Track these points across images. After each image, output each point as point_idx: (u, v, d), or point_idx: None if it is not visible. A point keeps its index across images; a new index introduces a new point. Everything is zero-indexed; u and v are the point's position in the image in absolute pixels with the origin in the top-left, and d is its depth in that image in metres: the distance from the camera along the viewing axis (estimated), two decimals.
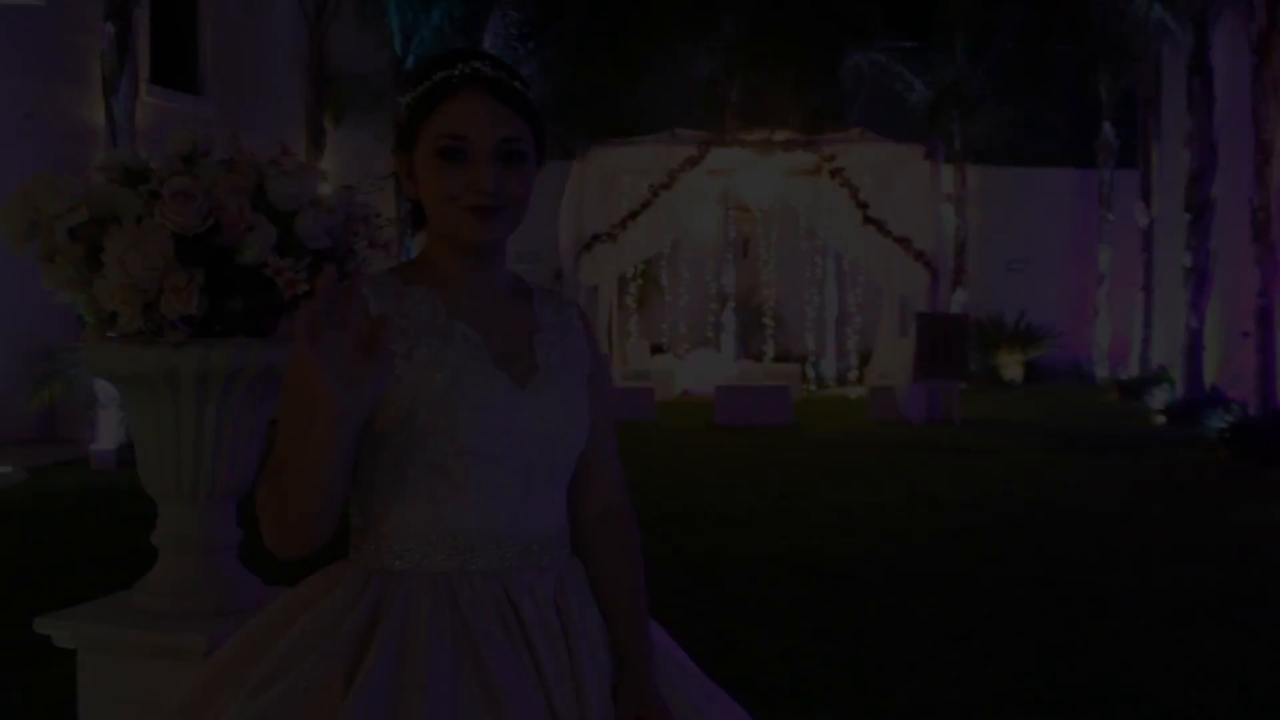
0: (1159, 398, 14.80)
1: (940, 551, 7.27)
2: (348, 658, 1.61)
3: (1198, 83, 14.18)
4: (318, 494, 1.61)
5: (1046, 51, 18.00)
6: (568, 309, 1.89)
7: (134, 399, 2.26)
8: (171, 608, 2.30)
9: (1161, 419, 14.01)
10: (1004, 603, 6.07)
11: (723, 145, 15.25)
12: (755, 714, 1.93)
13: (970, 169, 19.74)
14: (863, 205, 14.58)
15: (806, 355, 19.56)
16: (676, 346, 19.95)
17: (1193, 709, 4.53)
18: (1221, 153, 14.17)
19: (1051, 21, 16.07)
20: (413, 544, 1.71)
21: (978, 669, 4.99)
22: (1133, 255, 18.91)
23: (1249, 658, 5.17)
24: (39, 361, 11.19)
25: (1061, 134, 19.65)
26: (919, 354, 13.89)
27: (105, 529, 7.57)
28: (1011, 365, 19.20)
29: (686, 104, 19.37)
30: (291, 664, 1.61)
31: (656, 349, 19.41)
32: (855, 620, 5.73)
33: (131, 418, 2.31)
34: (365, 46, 16.24)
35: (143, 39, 13.01)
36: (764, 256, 19.97)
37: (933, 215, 14.58)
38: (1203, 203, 14.18)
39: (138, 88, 11.34)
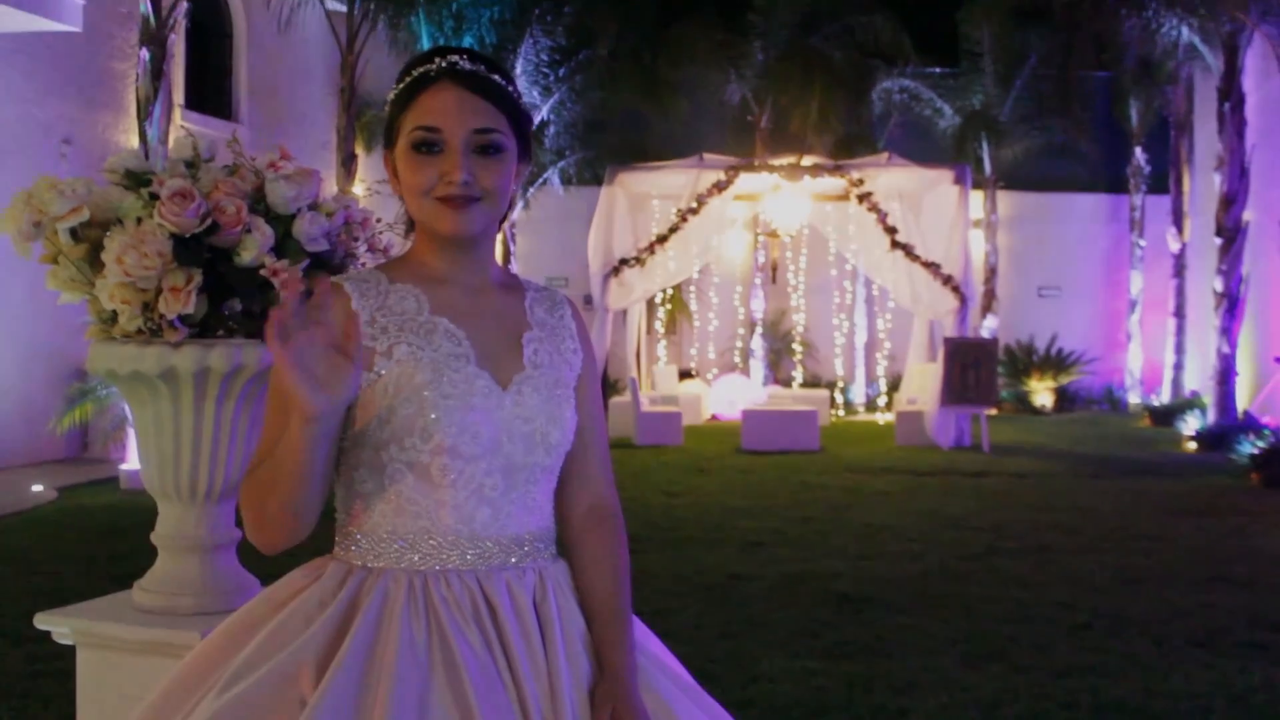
0: (1190, 424, 14.66)
1: (963, 574, 7.22)
2: (320, 652, 1.62)
3: (1228, 106, 14.12)
4: (295, 491, 1.62)
5: (1076, 76, 17.94)
6: (561, 307, 1.90)
7: (133, 398, 2.30)
8: (170, 605, 2.33)
9: (1193, 445, 13.88)
10: (1025, 625, 6.01)
11: (751, 170, 15.28)
12: None
13: (1000, 194, 19.70)
14: (891, 230, 14.57)
15: (835, 381, 19.52)
16: (705, 372, 19.96)
17: None
18: (1253, 176, 14.09)
19: (1080, 46, 16.02)
20: (390, 541, 1.72)
21: (997, 691, 4.95)
22: (1164, 280, 18.79)
23: (1273, 683, 5.09)
24: (70, 382, 11.33)
25: (1092, 159, 19.58)
26: (947, 379, 13.83)
27: (132, 548, 7.62)
28: (1042, 391, 19.08)
29: (716, 129, 19.48)
30: (266, 657, 1.63)
31: (685, 374, 19.42)
32: (875, 641, 5.70)
33: (132, 417, 2.35)
34: (397, 73, 16.38)
35: (178, 65, 13.22)
36: (793, 282, 19.98)
37: (961, 240, 14.55)
38: (1234, 227, 14.09)
39: (172, 113, 11.51)
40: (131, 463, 10.38)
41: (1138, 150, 19.42)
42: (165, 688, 1.71)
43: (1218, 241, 14.27)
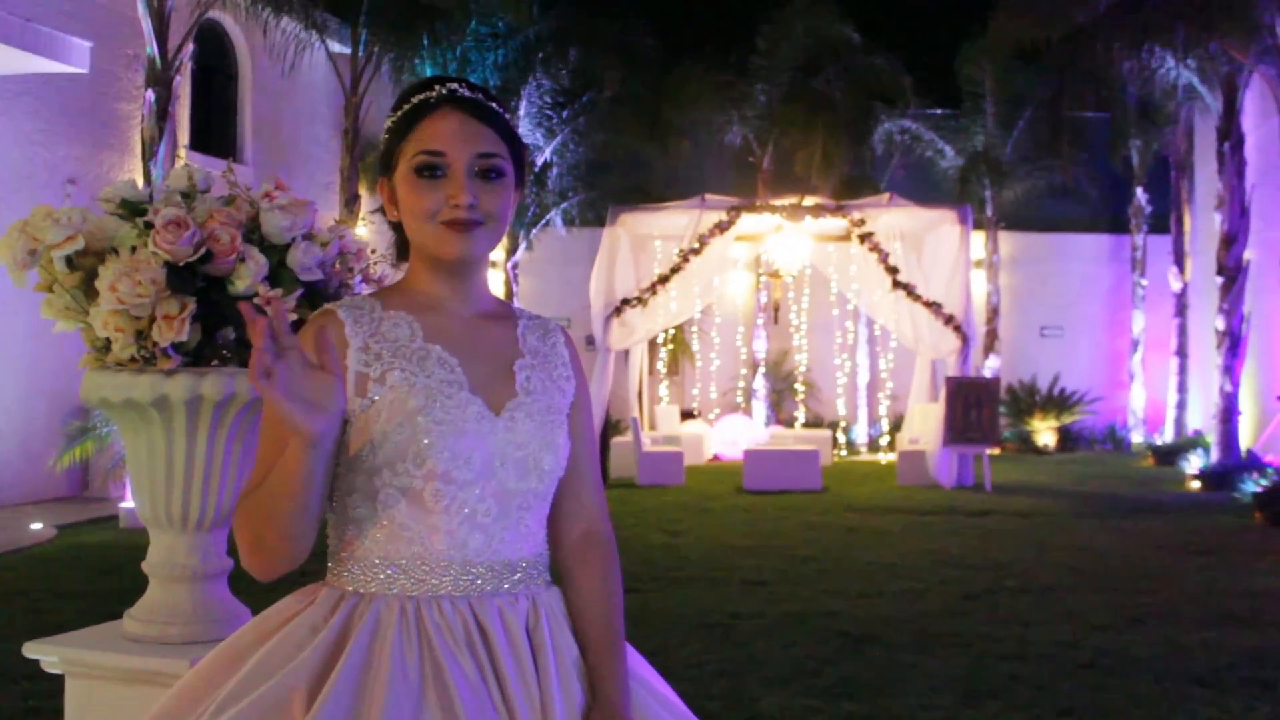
0: (1194, 463, 14.63)
1: (964, 613, 7.19)
2: (311, 678, 1.62)
3: (1228, 146, 14.19)
4: (294, 515, 1.63)
5: (1076, 117, 18.05)
6: (553, 335, 1.91)
7: (126, 426, 2.31)
8: (160, 634, 2.33)
9: (1196, 484, 13.84)
10: (1027, 663, 5.97)
11: (753, 211, 15.34)
12: None
13: (1002, 235, 19.77)
14: (893, 270, 14.61)
15: (838, 421, 19.51)
16: (707, 412, 19.95)
17: None
18: (1253, 215, 14.14)
19: (1081, 87, 16.13)
20: (383, 567, 1.72)
21: None
22: (1166, 320, 18.81)
23: None
24: (70, 420, 11.34)
25: (1093, 199, 19.67)
26: (949, 419, 13.82)
27: (130, 585, 7.61)
28: (1045, 431, 19.06)
29: (717, 170, 19.59)
30: (257, 683, 1.63)
31: (687, 414, 19.41)
32: (876, 679, 5.67)
33: (124, 445, 2.35)
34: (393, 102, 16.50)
35: (183, 106, 13.32)
36: (795, 322, 20.02)
37: (963, 280, 14.58)
38: (1235, 266, 14.13)
39: (176, 153, 11.60)
40: (131, 500, 10.37)
41: (1138, 190, 19.50)
42: (156, 714, 1.71)
43: (1219, 280, 14.30)
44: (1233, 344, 14.07)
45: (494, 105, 1.79)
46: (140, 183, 8.90)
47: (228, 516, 2.39)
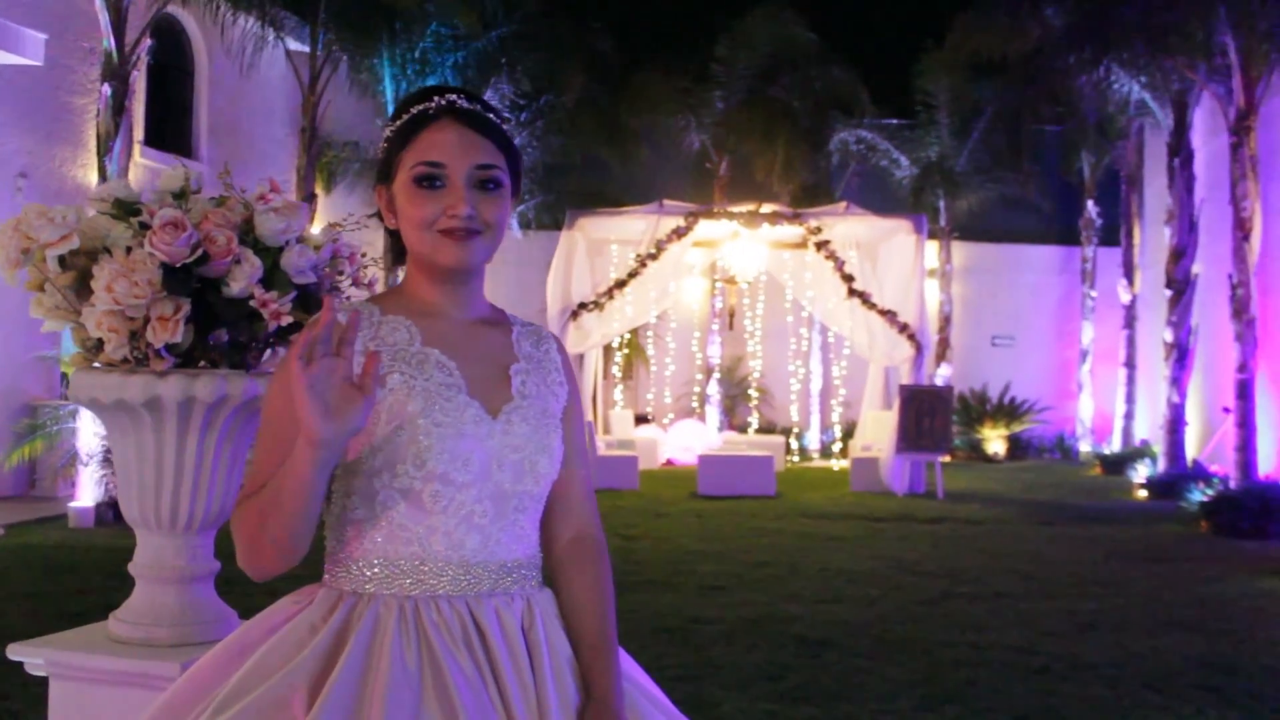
0: (1141, 472, 14.86)
1: (920, 619, 7.26)
2: (311, 677, 1.63)
3: (1178, 162, 14.44)
4: (296, 515, 1.64)
5: (1030, 130, 18.30)
6: (546, 342, 1.94)
7: (116, 427, 2.29)
8: (147, 636, 2.32)
9: (1143, 493, 14.07)
10: (983, 669, 6.05)
11: (710, 217, 15.41)
12: None
13: (955, 245, 19.98)
14: (848, 279, 14.73)
15: (791, 427, 19.62)
16: (661, 417, 20.00)
17: None
18: (1202, 230, 14.40)
19: (1035, 100, 16.37)
20: (381, 567, 1.74)
21: None
22: (1115, 331, 19.09)
23: None
24: (19, 418, 11.18)
25: (1044, 211, 19.95)
26: (902, 426, 13.94)
27: (81, 586, 7.52)
28: (995, 439, 19.27)
29: (674, 176, 19.66)
30: (256, 683, 1.64)
31: (641, 419, 19.44)
32: (835, 684, 5.72)
33: (113, 447, 2.34)
34: (358, 114, 16.46)
35: (138, 102, 13.18)
36: (749, 328, 20.12)
37: (918, 289, 14.74)
38: (1183, 279, 14.38)
39: (131, 149, 11.46)
40: (82, 500, 10.24)
41: (1089, 203, 19.79)
42: (153, 714, 1.71)
43: (1168, 293, 14.54)
44: (1180, 356, 14.32)
45: (492, 116, 1.82)
46: (94, 178, 8.76)
47: (216, 518, 2.38)
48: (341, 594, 1.75)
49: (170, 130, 14.75)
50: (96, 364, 2.24)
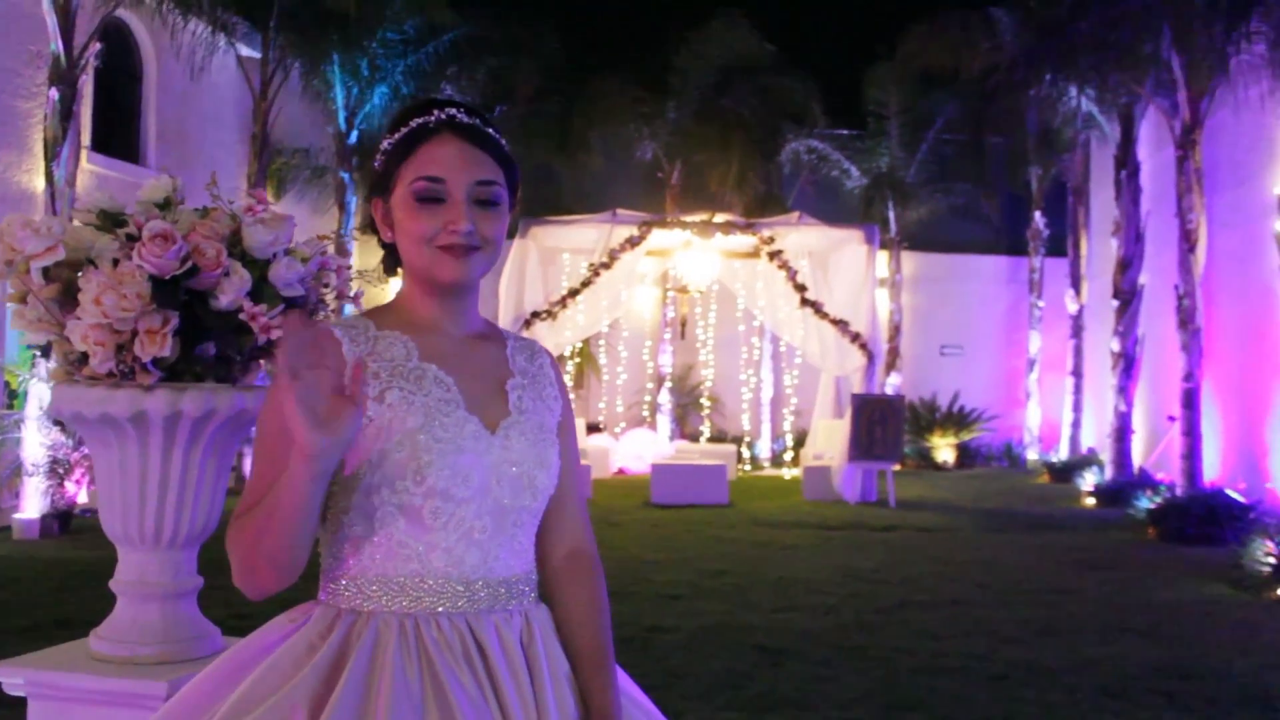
0: (1089, 480, 15.05)
1: (878, 627, 7.31)
2: (312, 696, 1.61)
3: (1125, 174, 14.67)
4: (291, 534, 1.62)
5: (980, 142, 18.53)
6: (539, 356, 1.93)
7: (99, 442, 2.25)
8: (131, 655, 2.27)
9: (1091, 500, 14.26)
10: (943, 677, 6.10)
11: (664, 226, 15.44)
12: None
13: (905, 254, 20.16)
14: (801, 288, 14.81)
15: (742, 436, 19.68)
16: (612, 425, 19.98)
17: None
18: (1148, 241, 14.63)
19: (985, 113, 16.59)
20: (380, 584, 1.72)
21: None
22: (1062, 341, 19.33)
23: None
24: None
25: (993, 222, 20.18)
26: (855, 435, 14.02)
27: (27, 601, 7.39)
28: (944, 448, 19.44)
29: (626, 185, 19.67)
30: (255, 702, 1.61)
31: (593, 428, 19.42)
32: (797, 692, 5.74)
33: (95, 461, 2.30)
34: (310, 121, 16.34)
35: (85, 107, 12.98)
36: (701, 337, 20.17)
37: (869, 299, 14.86)
38: (1130, 290, 14.60)
39: (79, 155, 11.29)
40: (27, 512, 10.06)
41: (1037, 214, 20.04)
42: None
43: (1115, 304, 14.76)
44: (1127, 365, 14.53)
45: (491, 131, 1.81)
46: (40, 184, 8.59)
47: (200, 533, 2.35)
48: (339, 611, 1.73)
49: (118, 136, 14.53)
50: (77, 377, 2.19)
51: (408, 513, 1.71)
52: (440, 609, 1.72)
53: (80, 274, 2.08)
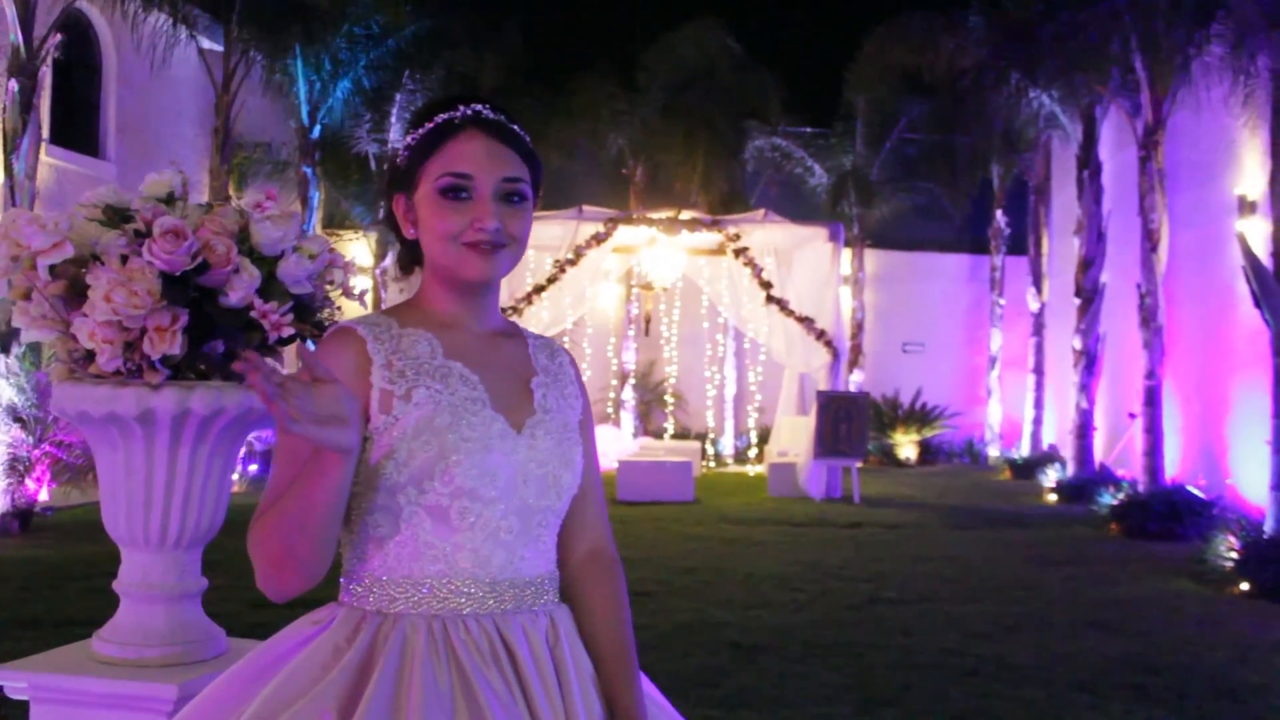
0: (1051, 476, 15.19)
1: (849, 623, 7.34)
2: (341, 699, 1.59)
3: (1087, 174, 14.81)
4: (327, 529, 1.60)
5: (943, 141, 18.65)
6: (559, 354, 1.92)
7: (103, 441, 2.21)
8: (137, 657, 2.23)
9: (1053, 497, 14.39)
10: (916, 673, 6.14)
11: (630, 223, 15.43)
12: None
13: (867, 252, 20.26)
14: (766, 285, 14.85)
15: (706, 433, 19.70)
16: None
17: None
18: (1109, 240, 14.78)
19: (948, 112, 16.70)
20: (407, 586, 1.70)
21: None
22: (1023, 338, 19.49)
23: None
24: None
25: (955, 221, 20.32)
26: (820, 432, 14.08)
27: None
28: (907, 445, 19.56)
29: (590, 182, 19.64)
30: (281, 707, 1.59)
31: None
32: (772, 689, 5.75)
33: (99, 461, 2.26)
34: (272, 115, 16.19)
35: (44, 99, 12.80)
36: (665, 334, 20.17)
37: (833, 296, 14.93)
38: (1092, 288, 14.74)
39: (39, 147, 11.14)
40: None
41: (998, 213, 20.19)
42: None
43: (1076, 302, 14.90)
44: (1089, 363, 14.68)
45: (516, 127, 1.80)
46: (0, 177, 8.44)
47: (206, 533, 2.31)
48: (364, 613, 1.71)
49: (77, 128, 14.34)
50: (80, 375, 2.15)
51: (434, 513, 1.69)
52: (467, 610, 1.70)
53: (86, 270, 2.05)
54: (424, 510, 1.69)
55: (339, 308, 2.33)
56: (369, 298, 17.35)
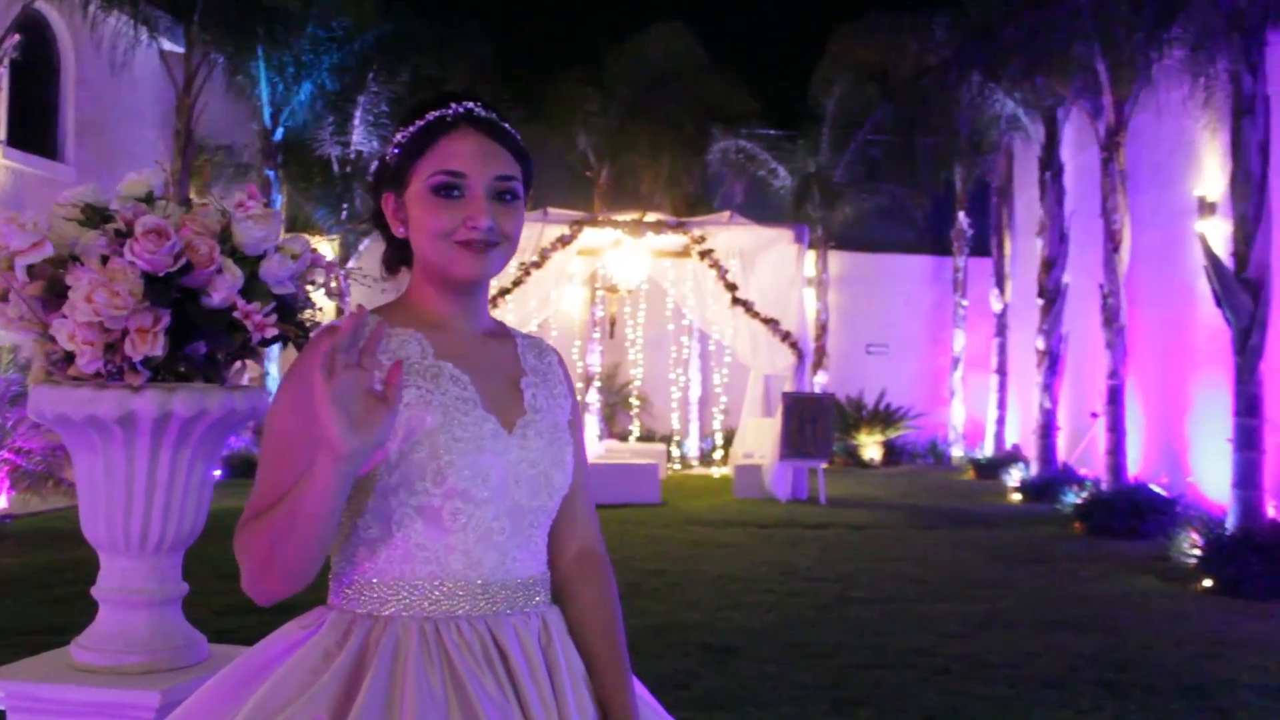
0: (1015, 476, 15.30)
1: (819, 623, 7.36)
2: (333, 704, 1.58)
3: (1049, 175, 14.94)
4: (311, 538, 1.57)
5: (906, 143, 18.75)
6: (548, 354, 1.91)
7: (83, 445, 2.18)
8: (117, 664, 2.20)
9: (1018, 496, 14.50)
10: (887, 672, 6.16)
11: (596, 225, 15.42)
12: None
13: (831, 254, 20.33)
14: (731, 287, 14.88)
15: (671, 435, 19.70)
16: None
17: None
18: (1071, 241, 14.91)
19: (917, 113, 16.80)
20: (398, 588, 1.68)
21: None
22: (986, 339, 19.62)
23: (1124, 719, 5.36)
24: None
25: (918, 222, 20.43)
26: (786, 433, 14.11)
27: None
28: (871, 445, 19.64)
29: (553, 183, 19.59)
30: (273, 712, 1.57)
31: None
32: (744, 690, 5.76)
33: (78, 465, 2.22)
34: (234, 118, 16.06)
35: (1, 100, 12.65)
36: (630, 336, 20.16)
37: (798, 298, 14.97)
38: (1055, 289, 14.86)
39: None
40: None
41: (961, 215, 20.32)
42: None
43: (1039, 302, 15.02)
44: (1052, 363, 14.80)
45: (507, 125, 1.79)
46: None
47: (187, 537, 2.28)
48: (355, 616, 1.69)
49: (35, 130, 14.17)
50: (58, 378, 2.12)
51: (426, 514, 1.68)
52: (459, 612, 1.69)
53: (65, 271, 2.01)
54: (415, 512, 1.68)
55: (320, 308, 2.31)
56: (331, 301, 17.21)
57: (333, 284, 2.30)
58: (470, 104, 1.76)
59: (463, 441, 1.68)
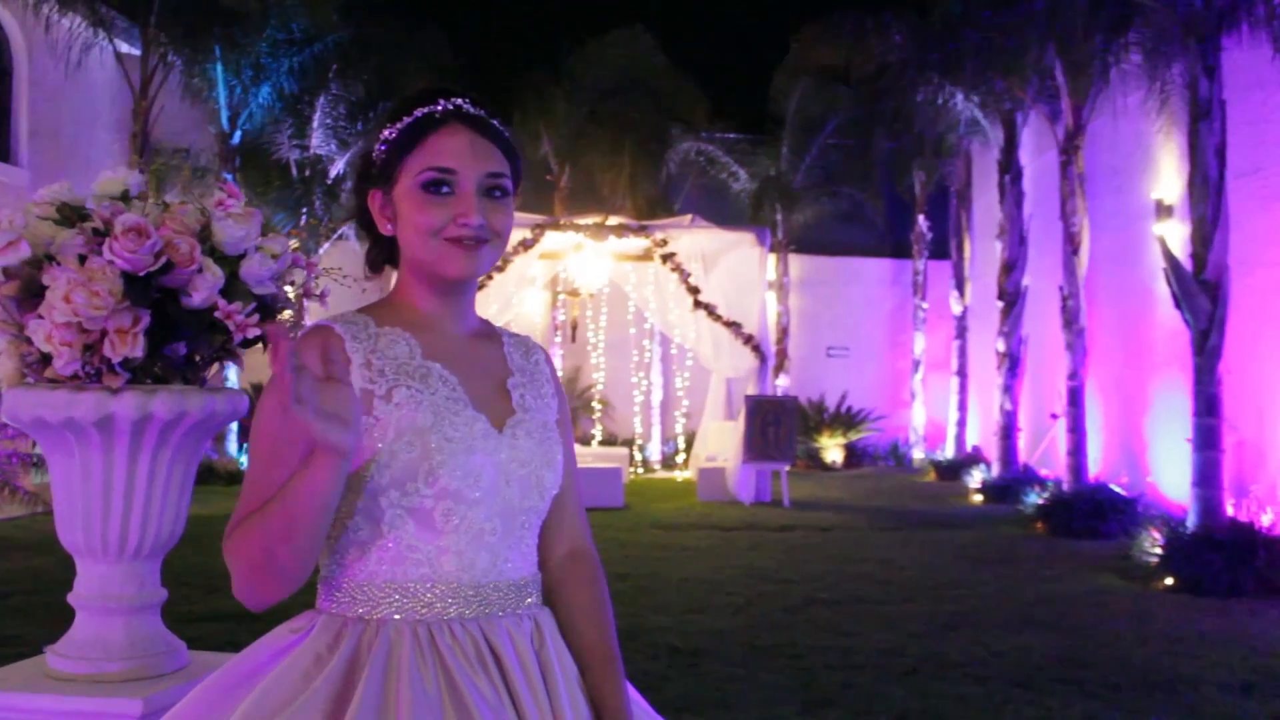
0: (976, 477, 15.40)
1: (787, 625, 7.37)
2: (326, 708, 1.55)
3: (1008, 179, 15.06)
4: (307, 537, 1.55)
5: (866, 146, 18.85)
6: (535, 353, 1.89)
7: (59, 448, 2.13)
8: (95, 672, 2.15)
9: (979, 497, 14.59)
10: (856, 673, 6.17)
11: (557, 229, 15.38)
12: None
13: (791, 257, 20.40)
14: (693, 290, 14.89)
15: (633, 439, 19.69)
16: None
17: None
18: (1030, 244, 15.04)
19: (874, 113, 16.89)
20: (390, 590, 1.66)
21: None
22: (946, 341, 19.75)
23: (1094, 716, 5.38)
24: None
25: (877, 225, 20.55)
26: (749, 436, 14.13)
27: None
28: (833, 448, 19.71)
29: (519, 188, 19.55)
30: (266, 717, 1.54)
31: None
32: (714, 694, 5.75)
33: (54, 469, 2.17)
34: (191, 120, 15.90)
35: None
36: (592, 340, 20.13)
37: (760, 301, 15.00)
38: (1014, 291, 14.99)
39: None
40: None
41: (920, 218, 20.45)
42: None
43: (999, 305, 15.14)
44: (1012, 364, 14.92)
45: (496, 122, 1.77)
46: None
47: (166, 542, 2.23)
48: (345, 620, 1.66)
49: None
50: (32, 380, 2.07)
51: (418, 515, 1.65)
52: (452, 614, 1.67)
53: (41, 271, 1.97)
54: (407, 513, 1.66)
55: (302, 309, 2.28)
56: None
57: (314, 284, 2.27)
58: (459, 100, 1.74)
59: (455, 441, 1.66)
